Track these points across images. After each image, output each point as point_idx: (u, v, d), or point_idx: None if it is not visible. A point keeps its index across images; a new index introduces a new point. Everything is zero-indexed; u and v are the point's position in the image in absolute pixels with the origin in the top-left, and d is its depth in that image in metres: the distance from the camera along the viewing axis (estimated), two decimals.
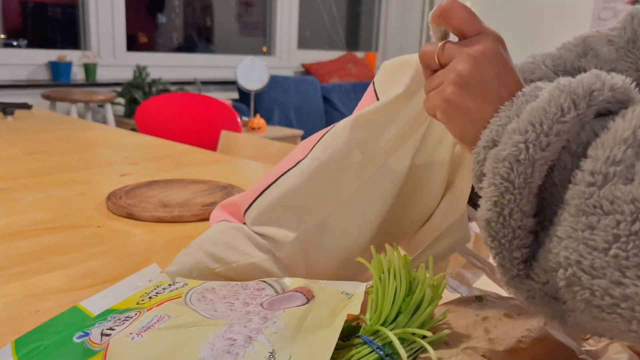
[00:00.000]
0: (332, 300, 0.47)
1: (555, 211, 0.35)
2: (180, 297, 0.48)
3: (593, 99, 0.35)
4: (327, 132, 0.55)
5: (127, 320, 0.45)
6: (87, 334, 0.44)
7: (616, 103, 0.35)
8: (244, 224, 0.58)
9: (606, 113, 0.36)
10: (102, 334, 0.44)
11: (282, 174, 0.56)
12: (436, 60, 0.43)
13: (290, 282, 0.50)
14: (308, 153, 0.55)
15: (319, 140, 0.55)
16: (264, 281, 0.51)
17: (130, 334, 0.41)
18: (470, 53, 0.41)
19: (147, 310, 0.46)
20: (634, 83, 0.36)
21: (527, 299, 0.37)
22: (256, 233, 0.56)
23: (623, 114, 0.34)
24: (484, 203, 0.37)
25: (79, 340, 0.44)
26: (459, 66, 0.41)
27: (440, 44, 0.43)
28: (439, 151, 0.55)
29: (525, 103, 0.37)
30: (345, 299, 0.47)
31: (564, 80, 0.36)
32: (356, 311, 0.44)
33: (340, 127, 0.54)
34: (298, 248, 0.55)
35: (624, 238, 0.31)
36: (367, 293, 0.47)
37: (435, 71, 0.45)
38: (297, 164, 0.55)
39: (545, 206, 0.36)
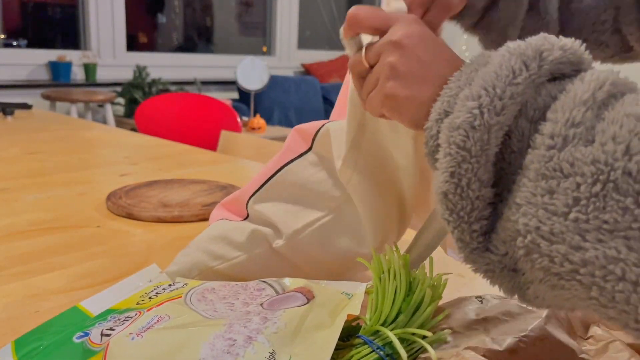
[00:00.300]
0: (332, 300, 0.47)
1: (514, 179, 0.34)
2: (181, 297, 0.48)
3: (543, 59, 0.34)
4: (328, 124, 0.55)
5: (127, 320, 0.45)
6: (87, 334, 0.44)
7: (569, 64, 0.35)
8: (245, 219, 0.58)
9: (561, 77, 0.35)
10: (102, 334, 0.44)
11: (285, 165, 0.56)
12: (365, 64, 0.43)
13: (290, 283, 0.50)
14: (311, 145, 0.55)
15: (318, 131, 0.55)
16: (264, 281, 0.51)
17: (130, 334, 0.41)
18: (394, 41, 0.40)
19: (147, 311, 0.46)
20: (584, 45, 0.36)
21: (485, 273, 0.36)
22: (258, 219, 0.56)
23: (582, 77, 0.33)
24: (440, 175, 0.36)
25: (78, 341, 0.44)
26: (388, 59, 0.41)
27: (363, 49, 0.43)
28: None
29: (475, 71, 0.37)
30: (345, 299, 0.47)
31: (512, 44, 0.36)
32: (356, 311, 0.44)
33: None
34: (297, 241, 0.55)
35: (584, 201, 0.30)
36: (367, 293, 0.47)
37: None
38: (301, 155, 0.55)
39: (503, 176, 0.36)
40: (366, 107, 0.45)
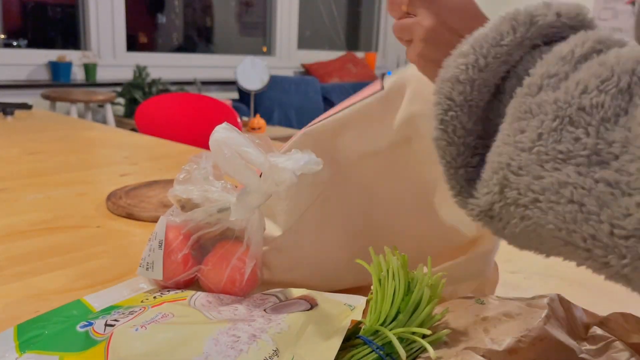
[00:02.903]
0: (336, 308, 0.47)
1: (499, 129, 0.38)
2: (185, 299, 0.48)
3: (534, 24, 0.37)
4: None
5: (131, 314, 0.45)
6: (90, 324, 0.44)
7: (567, 29, 0.37)
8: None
9: (561, 40, 0.37)
10: (105, 324, 0.44)
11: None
12: (405, 8, 0.47)
13: (294, 292, 0.51)
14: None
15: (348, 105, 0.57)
16: (268, 293, 0.51)
17: (134, 325, 0.41)
18: (434, 8, 0.44)
19: (152, 307, 0.46)
20: (586, 9, 0.38)
21: (474, 218, 0.39)
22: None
23: (569, 38, 0.36)
24: (433, 123, 0.40)
25: (82, 330, 0.44)
26: (425, 22, 0.44)
27: None
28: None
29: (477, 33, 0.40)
30: (347, 310, 0.47)
31: (512, 9, 0.39)
32: (358, 318, 0.45)
33: None
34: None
35: (545, 135, 0.33)
36: (367, 301, 0.48)
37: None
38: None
39: (496, 130, 0.38)
40: (407, 54, 0.48)
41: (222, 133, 0.48)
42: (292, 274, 0.57)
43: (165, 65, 3.59)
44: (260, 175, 0.49)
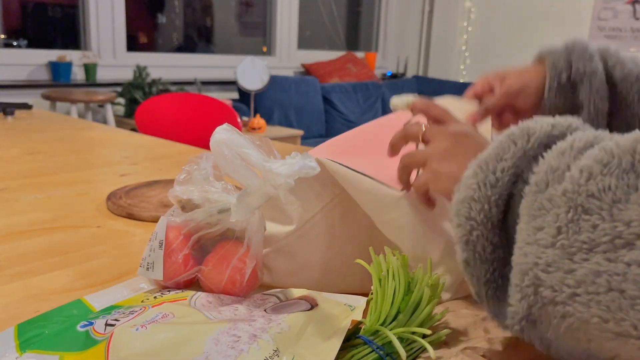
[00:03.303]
0: (336, 309, 0.47)
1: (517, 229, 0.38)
2: (185, 299, 0.49)
3: (531, 135, 0.40)
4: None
5: (131, 314, 0.45)
6: (91, 324, 0.44)
7: (562, 135, 0.40)
8: None
9: None
10: (106, 324, 0.44)
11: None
12: (420, 137, 0.52)
13: (295, 292, 0.51)
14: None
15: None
16: (269, 293, 0.51)
17: (135, 325, 0.41)
18: (450, 132, 0.49)
19: (152, 307, 0.46)
20: (576, 118, 0.41)
21: (517, 331, 0.38)
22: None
23: (567, 138, 0.38)
24: (458, 245, 0.41)
25: (82, 329, 0.44)
26: (442, 144, 0.49)
27: (423, 126, 0.52)
28: None
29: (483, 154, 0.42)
30: (348, 310, 0.47)
31: (513, 128, 0.42)
32: (359, 318, 0.45)
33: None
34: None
35: (564, 228, 0.34)
36: (367, 302, 0.48)
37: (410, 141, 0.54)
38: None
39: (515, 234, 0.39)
40: (415, 184, 0.52)
41: (222, 134, 0.48)
42: (294, 278, 0.57)
43: (165, 65, 3.59)
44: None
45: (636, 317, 0.30)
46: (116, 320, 0.44)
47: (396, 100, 0.66)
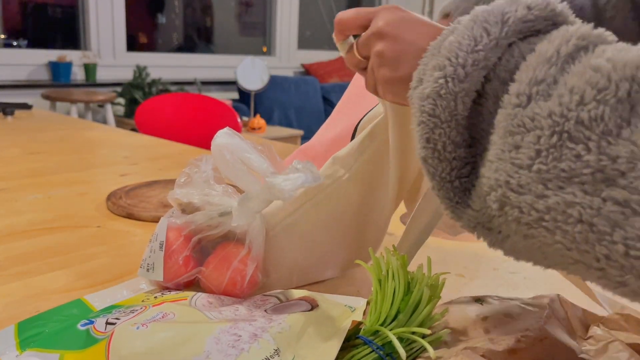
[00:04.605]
0: (336, 310, 0.47)
1: (489, 139, 0.36)
2: (186, 299, 0.49)
3: (506, 21, 0.36)
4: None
5: (132, 312, 0.45)
6: (91, 322, 0.44)
7: (542, 20, 0.36)
8: None
9: (536, 34, 0.36)
10: (106, 323, 0.44)
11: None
12: (359, 57, 0.48)
13: (295, 293, 0.51)
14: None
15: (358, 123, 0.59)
16: (268, 294, 0.52)
17: (135, 324, 0.41)
18: (376, 32, 0.44)
19: (153, 307, 0.46)
20: (564, 2, 0.37)
21: (469, 229, 0.38)
22: None
23: (550, 34, 0.35)
24: (417, 142, 0.39)
25: (83, 328, 0.44)
26: (375, 48, 0.44)
27: (355, 46, 0.48)
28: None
29: (444, 40, 0.39)
30: (348, 311, 0.47)
31: (479, 9, 0.37)
32: (359, 319, 0.45)
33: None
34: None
35: (544, 152, 0.32)
36: (367, 303, 0.48)
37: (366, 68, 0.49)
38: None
39: (483, 136, 0.37)
40: (377, 94, 0.48)
41: (224, 138, 0.48)
42: (273, 276, 0.57)
43: (165, 65, 3.59)
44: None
45: (601, 252, 0.30)
46: (117, 319, 0.44)
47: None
